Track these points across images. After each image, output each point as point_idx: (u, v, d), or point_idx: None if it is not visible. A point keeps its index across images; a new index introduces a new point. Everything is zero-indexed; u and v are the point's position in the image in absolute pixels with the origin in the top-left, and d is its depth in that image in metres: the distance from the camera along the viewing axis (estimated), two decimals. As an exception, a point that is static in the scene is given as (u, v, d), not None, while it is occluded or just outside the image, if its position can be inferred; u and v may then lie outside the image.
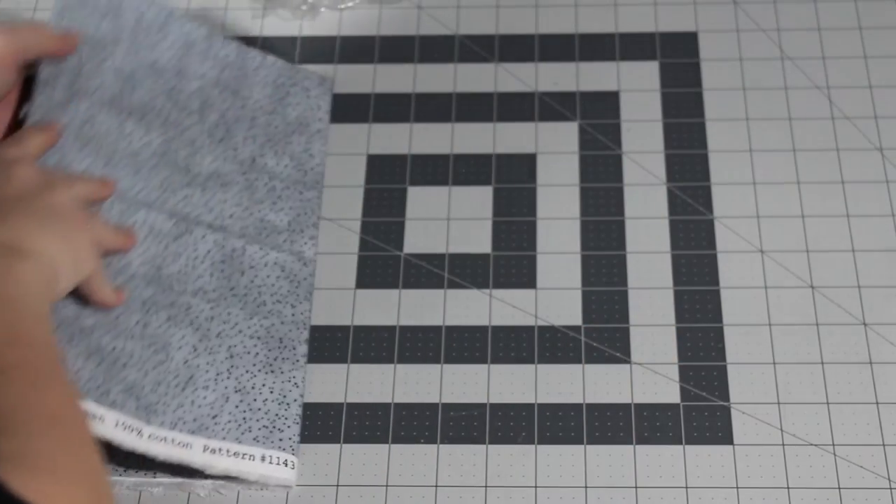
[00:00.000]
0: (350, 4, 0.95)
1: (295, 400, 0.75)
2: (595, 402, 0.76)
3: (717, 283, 0.81)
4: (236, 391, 0.74)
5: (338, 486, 0.74)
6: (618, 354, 0.78)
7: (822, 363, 0.77)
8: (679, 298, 0.80)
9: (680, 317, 0.79)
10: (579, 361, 0.78)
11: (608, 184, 0.85)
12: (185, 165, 0.81)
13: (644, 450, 0.74)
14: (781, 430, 0.75)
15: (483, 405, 0.77)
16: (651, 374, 0.77)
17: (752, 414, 0.76)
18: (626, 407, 0.76)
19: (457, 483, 0.74)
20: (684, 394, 0.77)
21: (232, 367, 0.75)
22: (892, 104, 0.88)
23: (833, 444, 0.74)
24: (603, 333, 0.79)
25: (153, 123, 0.82)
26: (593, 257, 0.82)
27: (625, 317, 0.80)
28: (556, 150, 0.87)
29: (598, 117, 0.88)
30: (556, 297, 0.81)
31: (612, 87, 0.90)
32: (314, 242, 0.82)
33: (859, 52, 0.91)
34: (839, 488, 0.73)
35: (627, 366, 0.78)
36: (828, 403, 0.76)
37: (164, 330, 0.75)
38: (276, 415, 0.74)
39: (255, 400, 0.74)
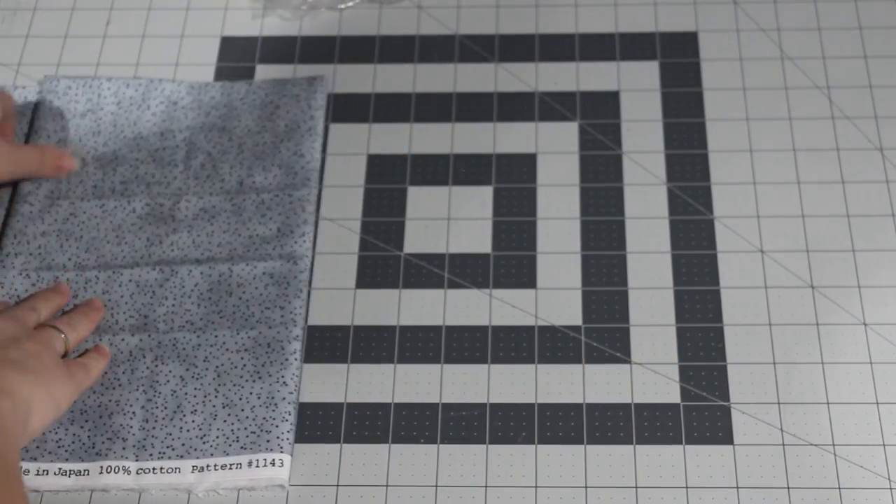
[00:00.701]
0: (350, 4, 0.95)
1: (284, 398, 0.75)
2: (595, 402, 0.76)
3: (717, 283, 0.81)
4: (224, 406, 0.75)
5: (338, 485, 0.74)
6: (618, 354, 0.78)
7: (822, 363, 0.77)
8: (679, 298, 0.80)
9: (680, 317, 0.79)
10: (579, 361, 0.78)
11: (608, 184, 0.85)
12: (171, 215, 0.83)
13: (644, 450, 0.74)
14: (781, 430, 0.75)
15: (483, 405, 0.77)
16: (651, 374, 0.77)
17: (752, 414, 0.76)
18: (626, 407, 0.76)
19: (457, 483, 0.74)
20: (684, 394, 0.77)
21: (219, 385, 0.76)
22: (892, 104, 0.88)
23: (833, 444, 0.74)
24: (603, 333, 0.79)
25: (136, 192, 0.84)
26: (593, 257, 0.82)
27: (625, 317, 0.80)
28: (556, 150, 0.87)
29: (598, 117, 0.88)
30: (556, 297, 0.80)
31: (612, 87, 0.90)
32: (306, 238, 0.82)
33: (859, 52, 0.91)
34: (839, 488, 0.73)
35: (627, 366, 0.78)
36: (828, 403, 0.76)
37: (150, 371, 0.76)
38: (264, 418, 0.74)
39: (242, 410, 0.75)
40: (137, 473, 0.72)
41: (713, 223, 0.83)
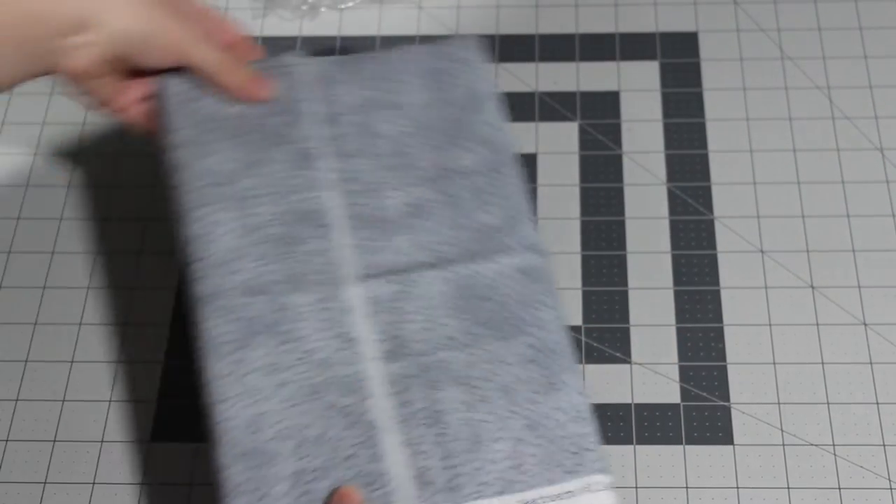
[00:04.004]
0: (350, 4, 0.95)
1: (590, 412, 0.65)
2: (595, 402, 0.76)
3: (717, 283, 0.81)
4: (528, 428, 0.64)
5: (338, 486, 0.74)
6: (618, 354, 0.78)
7: (822, 363, 0.77)
8: (679, 298, 0.80)
9: (680, 317, 0.79)
10: (579, 361, 0.78)
11: (608, 184, 0.85)
12: (379, 216, 0.70)
13: (644, 450, 0.74)
14: (781, 430, 0.75)
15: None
16: (651, 374, 0.77)
17: (752, 414, 0.76)
18: (626, 407, 0.76)
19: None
20: (684, 394, 0.77)
21: (513, 405, 0.65)
22: (892, 104, 0.88)
23: (833, 444, 0.74)
24: (603, 333, 0.79)
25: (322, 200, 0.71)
26: (593, 257, 0.82)
27: (625, 317, 0.80)
28: (556, 150, 0.87)
29: (598, 117, 0.88)
30: (556, 297, 0.81)
31: (612, 87, 0.90)
32: (535, 224, 0.72)
33: (859, 52, 0.91)
34: (839, 488, 0.73)
35: (627, 366, 0.78)
36: (828, 403, 0.76)
37: (427, 402, 0.65)
38: (579, 434, 0.64)
39: (550, 429, 0.64)
40: None
41: (713, 223, 0.83)
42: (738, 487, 0.73)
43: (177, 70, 0.74)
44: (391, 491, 0.62)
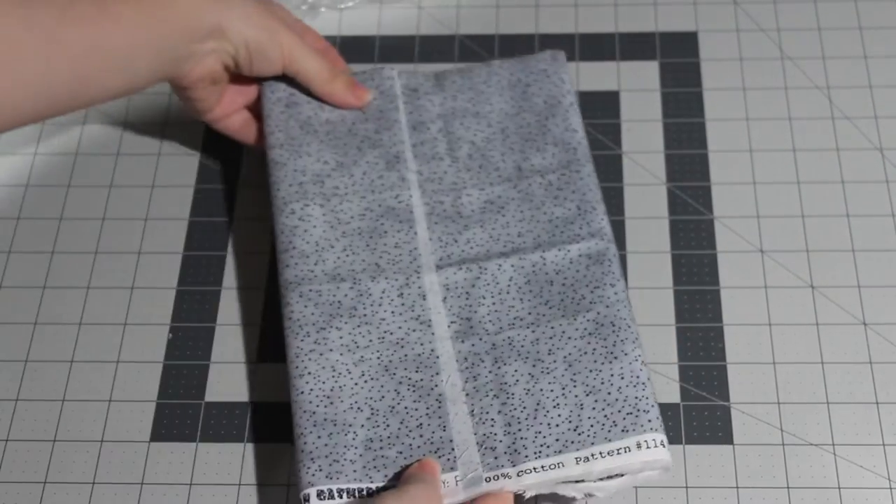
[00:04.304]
0: (350, 4, 0.95)
1: (648, 378, 0.71)
2: (595, 401, 0.76)
3: (717, 282, 0.81)
4: (587, 394, 0.70)
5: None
6: (618, 354, 0.78)
7: (822, 363, 0.77)
8: (679, 298, 0.80)
9: (680, 316, 0.79)
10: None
11: (608, 184, 0.85)
12: (456, 212, 0.78)
13: (644, 450, 0.74)
14: (781, 430, 0.75)
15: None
16: (651, 373, 0.77)
17: (752, 414, 0.76)
18: (626, 407, 0.76)
19: (457, 483, 0.74)
20: (684, 394, 0.77)
21: (574, 374, 0.71)
22: (892, 104, 0.88)
23: (833, 444, 0.74)
24: (603, 333, 0.79)
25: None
26: (593, 257, 0.82)
27: (625, 317, 0.80)
28: (556, 150, 0.87)
29: (597, 117, 0.88)
30: (556, 297, 0.80)
31: (612, 86, 0.90)
32: (606, 215, 0.78)
33: (859, 52, 0.91)
34: (839, 488, 0.73)
35: (627, 366, 0.78)
36: (828, 403, 0.76)
37: (493, 376, 0.71)
38: (636, 398, 0.69)
39: (609, 394, 0.70)
40: (518, 476, 0.67)
41: (713, 223, 0.83)
42: (737, 487, 0.73)
43: (275, 78, 0.82)
44: (456, 457, 0.68)
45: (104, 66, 0.74)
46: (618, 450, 0.68)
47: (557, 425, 0.69)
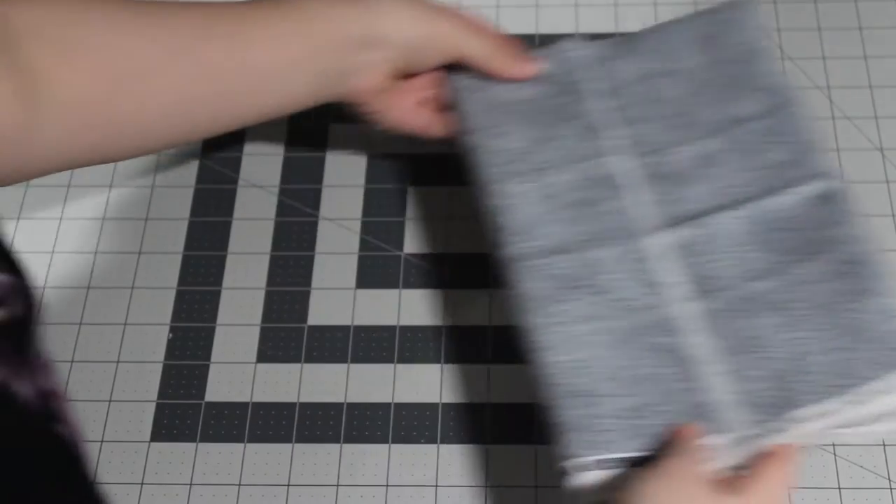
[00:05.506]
0: (350, 4, 0.95)
1: None
2: (595, 401, 0.76)
3: (717, 282, 0.81)
4: (847, 335, 0.68)
5: (337, 485, 0.74)
6: (618, 354, 0.78)
7: (823, 363, 0.77)
8: (679, 298, 0.80)
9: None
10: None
11: (608, 184, 0.85)
12: (671, 171, 0.75)
13: (644, 450, 0.74)
14: (781, 429, 0.75)
15: (484, 405, 0.77)
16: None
17: (752, 414, 0.76)
18: (626, 407, 0.76)
19: (456, 483, 0.74)
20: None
21: (830, 317, 0.68)
22: (892, 104, 0.88)
23: (833, 444, 0.74)
24: (603, 333, 0.79)
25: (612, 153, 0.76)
26: (593, 257, 0.82)
27: (625, 317, 0.80)
28: (557, 150, 0.87)
29: (598, 117, 0.88)
30: (556, 297, 0.80)
31: (613, 87, 0.90)
32: (824, 153, 0.74)
33: (859, 52, 0.91)
34: (839, 488, 0.73)
35: (628, 366, 0.78)
36: (828, 403, 0.76)
37: (744, 331, 0.69)
38: None
39: (870, 332, 0.67)
40: (791, 427, 0.66)
41: (713, 223, 0.83)
42: (737, 487, 0.73)
43: (448, 67, 0.79)
44: (720, 418, 0.66)
45: (251, 85, 0.72)
46: (882, 390, 0.65)
47: (821, 372, 0.66)
